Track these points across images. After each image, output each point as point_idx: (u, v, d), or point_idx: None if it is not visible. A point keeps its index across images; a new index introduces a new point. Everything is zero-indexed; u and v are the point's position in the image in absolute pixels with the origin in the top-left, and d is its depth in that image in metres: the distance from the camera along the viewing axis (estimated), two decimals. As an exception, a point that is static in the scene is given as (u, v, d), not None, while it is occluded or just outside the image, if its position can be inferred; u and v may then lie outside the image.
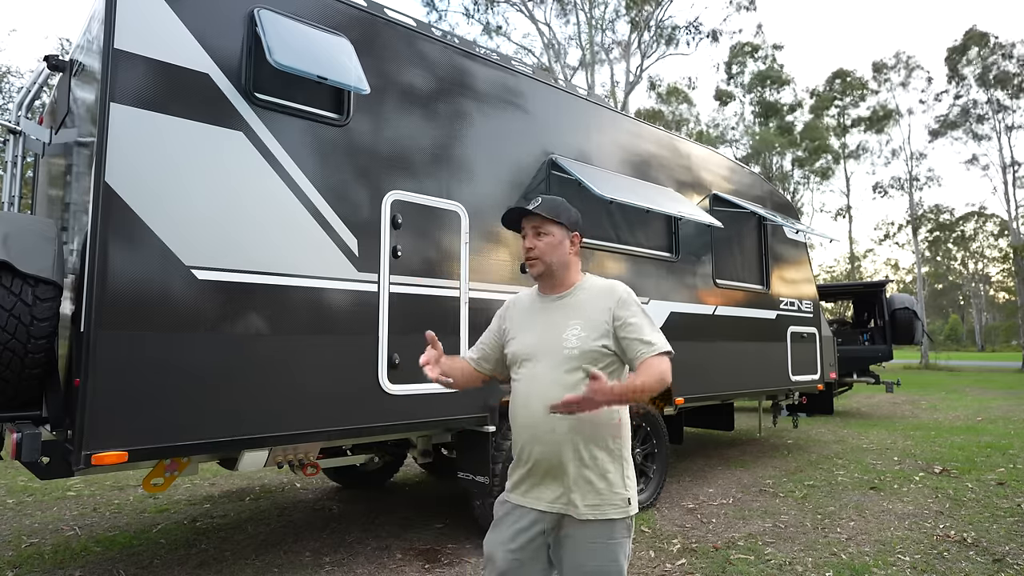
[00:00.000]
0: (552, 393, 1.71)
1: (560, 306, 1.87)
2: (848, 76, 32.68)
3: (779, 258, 6.55)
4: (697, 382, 5.15)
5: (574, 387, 1.72)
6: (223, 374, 2.71)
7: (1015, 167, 29.93)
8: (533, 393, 1.80)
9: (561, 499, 1.75)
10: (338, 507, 4.86)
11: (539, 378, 1.80)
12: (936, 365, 27.01)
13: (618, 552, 1.75)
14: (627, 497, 1.77)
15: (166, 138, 2.65)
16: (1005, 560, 3.60)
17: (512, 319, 1.97)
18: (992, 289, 61.85)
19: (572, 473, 1.74)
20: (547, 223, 1.86)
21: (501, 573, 1.79)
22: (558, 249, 1.86)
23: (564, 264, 1.88)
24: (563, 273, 1.89)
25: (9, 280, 2.51)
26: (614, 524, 1.74)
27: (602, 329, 1.79)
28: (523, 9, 23.50)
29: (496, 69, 4.08)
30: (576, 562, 1.74)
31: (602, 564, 1.73)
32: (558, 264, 1.87)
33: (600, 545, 1.73)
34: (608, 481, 1.75)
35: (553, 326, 1.84)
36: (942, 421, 9.90)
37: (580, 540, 1.74)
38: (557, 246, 1.86)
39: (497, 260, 3.87)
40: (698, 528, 4.24)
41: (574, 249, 1.91)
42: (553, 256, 1.86)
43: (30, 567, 3.55)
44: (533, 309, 1.94)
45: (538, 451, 1.78)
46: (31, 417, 2.81)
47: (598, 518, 1.73)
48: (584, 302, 1.85)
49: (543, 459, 1.77)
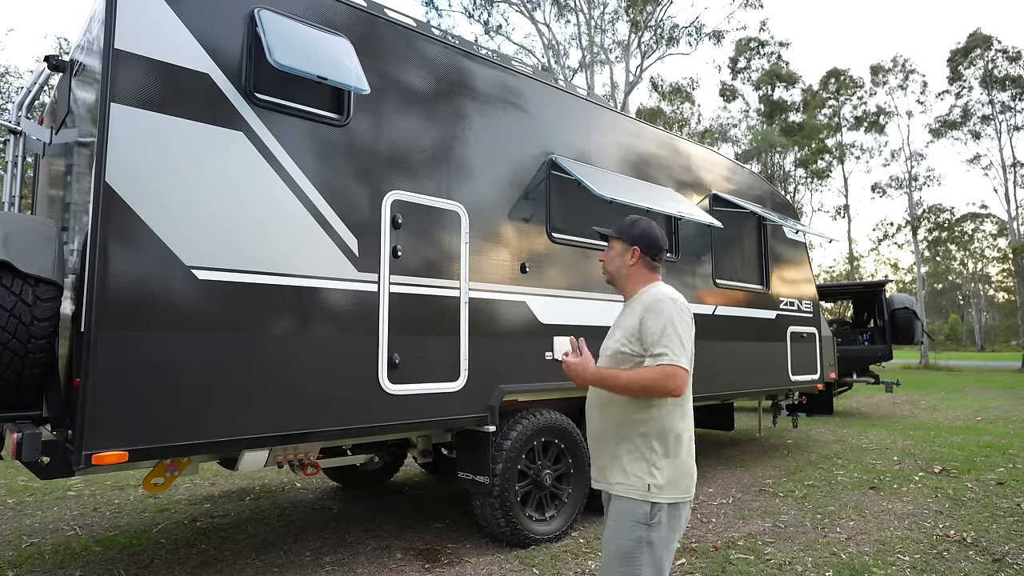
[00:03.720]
0: (592, 392, 2.10)
1: (622, 312, 2.15)
2: (843, 76, 32.67)
3: (779, 258, 6.55)
4: (697, 382, 5.13)
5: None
6: (223, 374, 2.71)
7: (1016, 167, 29.93)
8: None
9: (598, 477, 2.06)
10: (338, 507, 4.86)
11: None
12: (936, 365, 27.01)
13: (627, 532, 1.90)
14: (647, 483, 1.93)
15: (166, 138, 2.65)
16: (1005, 560, 3.61)
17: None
18: (992, 289, 61.87)
19: (608, 455, 2.02)
20: (611, 239, 2.18)
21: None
22: (614, 260, 2.16)
23: (621, 275, 2.15)
24: (622, 283, 2.16)
25: (10, 280, 2.52)
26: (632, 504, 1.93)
27: (632, 334, 1.99)
28: (523, 9, 23.49)
29: (496, 69, 4.09)
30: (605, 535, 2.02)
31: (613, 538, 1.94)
32: (616, 274, 2.16)
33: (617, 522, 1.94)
34: (627, 470, 1.96)
35: (612, 330, 2.13)
36: (942, 421, 9.91)
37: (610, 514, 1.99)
38: (614, 258, 2.16)
39: (497, 260, 3.88)
40: (698, 528, 4.24)
41: (632, 261, 2.12)
42: (610, 266, 2.18)
43: (30, 567, 3.55)
44: (620, 312, 2.20)
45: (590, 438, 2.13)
46: (31, 417, 2.81)
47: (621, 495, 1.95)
48: (633, 311, 2.06)
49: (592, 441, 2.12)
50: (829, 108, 32.73)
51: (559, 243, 4.25)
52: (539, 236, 4.15)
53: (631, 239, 2.12)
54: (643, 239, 2.11)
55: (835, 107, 32.78)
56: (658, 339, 1.89)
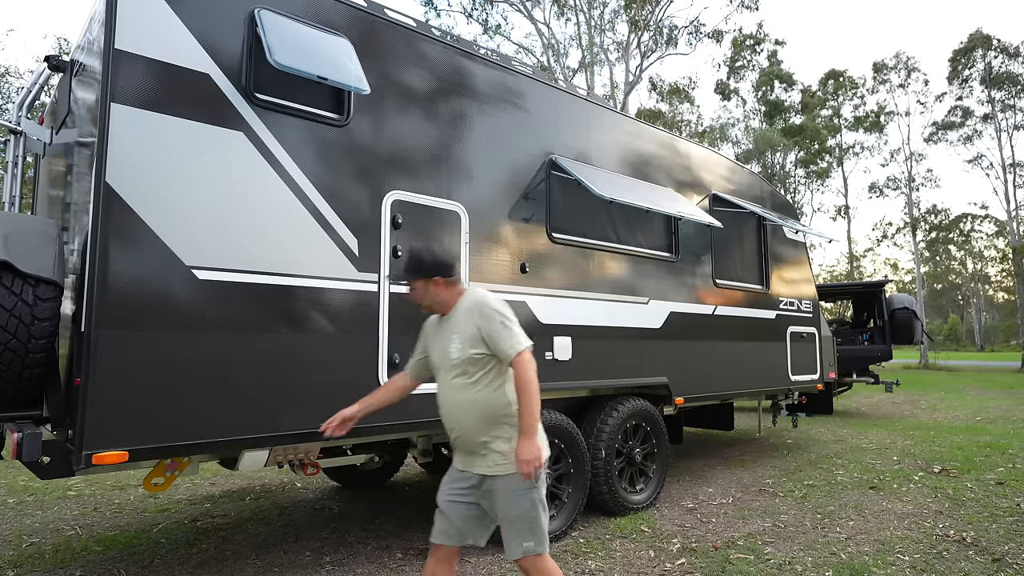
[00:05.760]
0: (450, 392, 2.35)
1: (447, 321, 2.41)
2: (841, 76, 32.66)
3: (779, 258, 6.56)
4: (697, 382, 5.16)
5: (462, 388, 2.30)
6: (223, 374, 2.72)
7: (1016, 167, 29.93)
8: (442, 393, 2.39)
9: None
10: (338, 507, 4.87)
11: (443, 382, 2.37)
12: (935, 365, 27.02)
13: (523, 499, 2.27)
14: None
15: (167, 138, 2.65)
16: (1004, 560, 3.61)
17: (426, 336, 2.52)
18: (991, 289, 61.88)
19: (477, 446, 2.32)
20: (408, 280, 2.41)
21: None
22: (425, 296, 2.41)
23: (438, 303, 2.41)
24: (443, 308, 2.42)
25: (10, 280, 2.52)
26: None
27: (476, 340, 2.29)
28: (522, 9, 23.49)
29: (496, 69, 4.09)
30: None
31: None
32: (433, 304, 2.42)
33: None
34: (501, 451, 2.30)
35: (447, 337, 2.37)
36: (941, 421, 9.91)
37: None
38: (423, 295, 2.40)
39: (497, 260, 3.88)
40: (698, 528, 4.25)
41: (438, 289, 2.40)
42: (423, 300, 2.42)
43: (31, 567, 3.55)
44: (436, 326, 2.47)
45: (455, 434, 2.36)
46: (32, 417, 2.81)
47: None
48: (462, 319, 2.35)
49: (461, 438, 2.35)
50: (829, 108, 32.73)
51: (559, 243, 4.26)
52: (539, 236, 4.15)
53: (428, 273, 2.37)
54: (436, 268, 2.39)
55: (835, 107, 32.79)
56: (503, 336, 2.26)
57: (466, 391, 2.30)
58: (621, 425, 4.46)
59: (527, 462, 2.16)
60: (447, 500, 2.38)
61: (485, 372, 2.30)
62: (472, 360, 2.30)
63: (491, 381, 2.31)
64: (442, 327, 2.43)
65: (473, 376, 2.29)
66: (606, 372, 4.41)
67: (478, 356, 2.29)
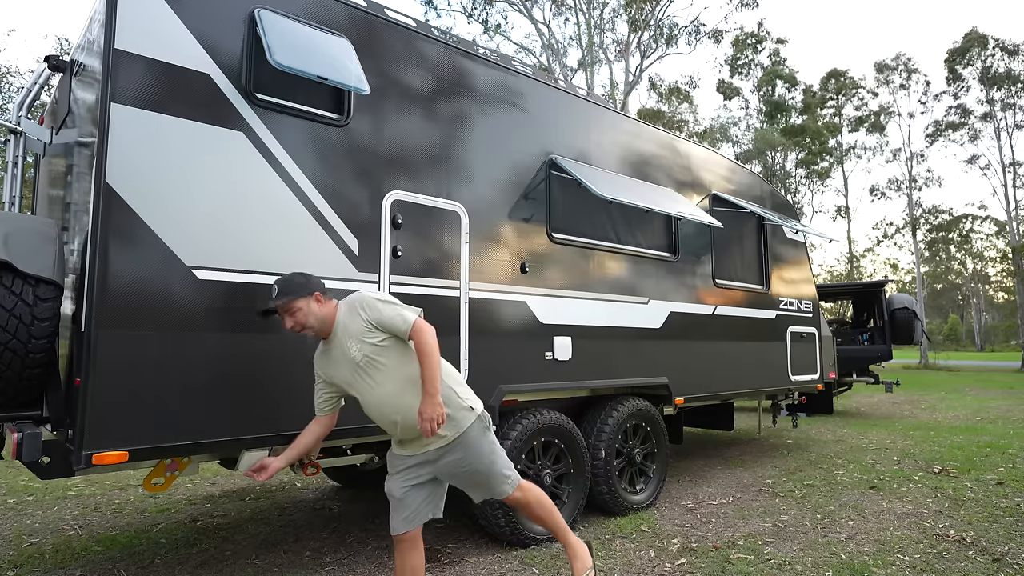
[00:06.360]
0: (384, 395, 2.47)
1: (334, 338, 2.52)
2: (842, 76, 32.65)
3: (779, 258, 6.56)
4: (696, 382, 5.16)
5: (382, 381, 2.44)
6: (223, 374, 2.72)
7: (1015, 167, 29.92)
8: (368, 398, 2.51)
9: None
10: (338, 507, 4.87)
11: (364, 387, 2.49)
12: (935, 365, 27.02)
13: (484, 447, 2.60)
14: (465, 408, 2.55)
15: (166, 138, 2.65)
16: (1004, 560, 3.61)
17: (322, 367, 2.60)
18: (991, 289, 61.88)
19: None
20: (289, 304, 2.44)
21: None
22: (310, 315, 2.46)
23: (322, 319, 2.48)
24: (327, 324, 2.50)
25: (10, 280, 2.52)
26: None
27: (370, 330, 2.43)
28: (522, 9, 23.49)
29: (496, 69, 4.09)
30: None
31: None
32: (319, 322, 2.48)
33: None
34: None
35: (345, 346, 2.47)
36: (941, 421, 9.91)
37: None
38: (308, 313, 2.46)
39: (498, 260, 3.88)
40: (698, 527, 4.25)
41: (321, 305, 2.49)
42: (309, 321, 2.46)
43: (31, 566, 3.55)
44: (326, 352, 2.57)
45: (399, 424, 2.50)
46: (32, 417, 2.81)
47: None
48: (349, 321, 2.46)
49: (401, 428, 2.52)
50: (830, 108, 32.72)
51: (559, 243, 4.26)
52: (539, 236, 4.15)
53: (307, 291, 2.46)
54: (314, 285, 2.48)
55: (835, 107, 32.78)
56: (391, 317, 2.40)
57: (387, 381, 2.43)
58: (621, 425, 4.46)
59: (430, 419, 2.30)
60: (404, 488, 2.51)
61: (395, 355, 2.43)
62: (377, 350, 2.42)
63: (404, 361, 2.45)
64: (331, 346, 2.53)
65: (386, 364, 2.43)
66: (606, 372, 4.42)
67: (380, 343, 2.42)
